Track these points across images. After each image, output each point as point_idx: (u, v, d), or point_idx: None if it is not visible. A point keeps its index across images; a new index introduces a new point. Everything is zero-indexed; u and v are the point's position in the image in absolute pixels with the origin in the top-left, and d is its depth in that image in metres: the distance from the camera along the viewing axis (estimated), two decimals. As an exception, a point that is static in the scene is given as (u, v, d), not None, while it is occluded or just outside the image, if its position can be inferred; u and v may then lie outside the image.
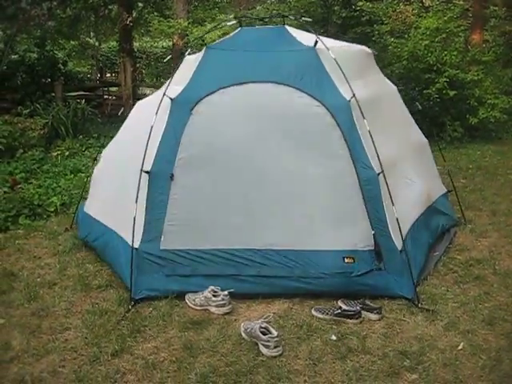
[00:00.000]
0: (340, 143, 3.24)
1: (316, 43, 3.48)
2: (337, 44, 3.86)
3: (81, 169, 6.33)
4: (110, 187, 3.86)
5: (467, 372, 2.52)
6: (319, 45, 3.48)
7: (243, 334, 2.82)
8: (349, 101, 3.28)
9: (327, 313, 3.00)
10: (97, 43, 14.64)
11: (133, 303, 3.13)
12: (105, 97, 12.86)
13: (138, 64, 13.98)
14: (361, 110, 3.25)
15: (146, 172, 3.26)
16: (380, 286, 3.17)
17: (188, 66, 3.67)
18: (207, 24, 10.78)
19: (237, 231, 3.22)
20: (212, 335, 2.84)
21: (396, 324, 2.94)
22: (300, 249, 3.18)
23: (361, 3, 9.00)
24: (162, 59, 14.70)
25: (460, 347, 2.72)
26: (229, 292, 3.07)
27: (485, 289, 3.35)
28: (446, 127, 8.03)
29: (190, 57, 3.80)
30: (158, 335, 2.86)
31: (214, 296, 3.07)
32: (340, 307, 3.02)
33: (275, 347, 2.66)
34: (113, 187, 3.81)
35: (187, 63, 3.74)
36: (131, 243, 3.18)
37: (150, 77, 17.09)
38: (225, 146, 3.30)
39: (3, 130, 7.00)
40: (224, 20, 5.02)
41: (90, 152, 7.25)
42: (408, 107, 4.49)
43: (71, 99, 9.26)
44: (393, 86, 4.44)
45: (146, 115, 3.45)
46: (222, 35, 7.12)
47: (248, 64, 3.53)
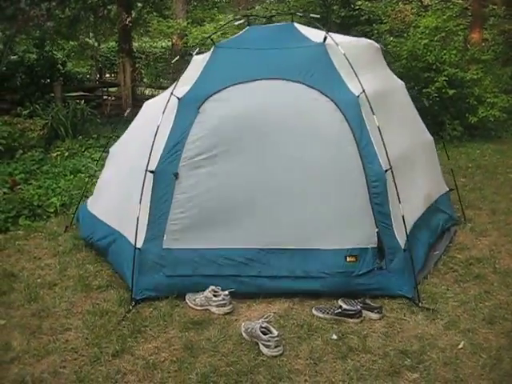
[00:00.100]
0: (349, 139, 3.21)
1: (325, 39, 3.47)
2: (345, 39, 3.85)
3: (80, 169, 6.30)
4: (116, 187, 3.86)
5: (468, 371, 2.53)
6: (328, 40, 3.47)
7: (244, 334, 2.82)
8: (358, 96, 3.26)
9: (328, 312, 3.00)
10: (96, 43, 14.60)
11: (134, 303, 3.13)
12: (104, 97, 12.82)
13: (138, 64, 13.95)
14: (370, 106, 3.23)
15: (151, 172, 3.24)
16: (380, 286, 3.17)
17: (196, 66, 3.65)
18: (206, 24, 10.77)
19: (239, 230, 3.21)
20: (213, 335, 2.84)
21: (396, 323, 2.95)
22: (302, 247, 3.17)
23: (360, 2, 9.00)
24: (162, 59, 14.69)
25: (460, 346, 2.72)
26: (229, 292, 3.07)
27: (485, 287, 3.35)
28: (446, 126, 8.02)
29: (198, 56, 3.78)
30: (159, 335, 2.87)
31: (215, 296, 3.07)
32: (340, 306, 3.02)
33: (276, 347, 2.67)
34: (118, 187, 3.80)
35: (195, 63, 3.72)
36: (134, 243, 3.18)
37: (150, 77, 17.05)
38: (231, 145, 3.26)
39: (3, 131, 6.99)
40: (233, 19, 5.01)
41: (90, 152, 7.23)
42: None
43: (70, 100, 9.23)
44: (400, 82, 4.39)
45: (153, 115, 3.43)
46: (222, 35, 7.13)
47: (257, 61, 3.51)
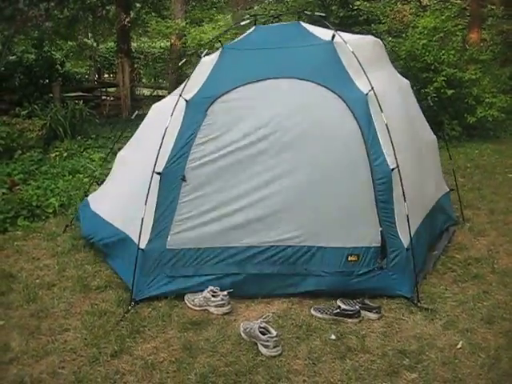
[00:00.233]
0: (357, 137, 3.20)
1: (333, 37, 3.46)
2: (353, 37, 3.84)
3: (79, 170, 6.30)
4: (122, 188, 3.86)
5: (466, 371, 2.53)
6: (337, 38, 3.46)
7: (242, 334, 2.82)
8: (366, 94, 3.26)
9: (326, 312, 3.00)
10: (94, 44, 14.60)
11: (133, 304, 3.12)
12: (103, 97, 12.81)
13: (136, 64, 13.97)
14: (379, 103, 3.22)
15: (158, 173, 3.24)
16: (380, 285, 3.17)
17: (204, 68, 3.63)
18: (205, 24, 10.77)
19: (244, 231, 3.20)
20: (211, 335, 2.84)
21: (395, 323, 2.95)
22: (305, 244, 3.17)
23: (358, 2, 8.99)
24: (160, 59, 14.70)
25: (459, 346, 2.72)
26: (228, 292, 3.07)
27: (483, 287, 3.35)
28: (444, 126, 8.03)
29: (206, 58, 3.75)
30: (158, 336, 2.86)
31: (213, 296, 3.07)
32: (339, 306, 3.02)
33: (274, 347, 2.67)
34: (124, 188, 3.81)
35: (203, 65, 3.69)
36: (138, 244, 3.18)
37: (148, 77, 17.06)
38: (239, 145, 3.24)
39: (1, 131, 6.98)
40: (239, 20, 5.02)
41: (89, 153, 7.23)
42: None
43: (69, 100, 9.23)
44: (405, 80, 4.36)
45: (161, 117, 3.42)
46: (221, 35, 7.11)
47: (265, 61, 3.50)
